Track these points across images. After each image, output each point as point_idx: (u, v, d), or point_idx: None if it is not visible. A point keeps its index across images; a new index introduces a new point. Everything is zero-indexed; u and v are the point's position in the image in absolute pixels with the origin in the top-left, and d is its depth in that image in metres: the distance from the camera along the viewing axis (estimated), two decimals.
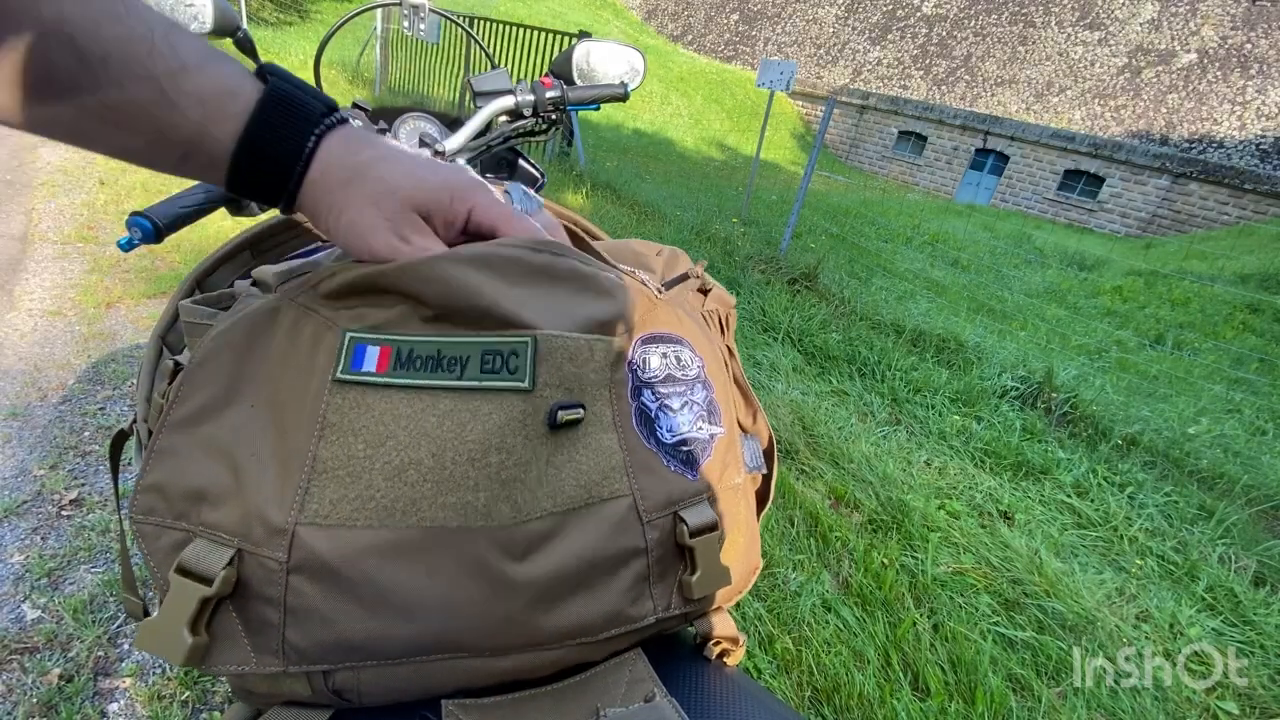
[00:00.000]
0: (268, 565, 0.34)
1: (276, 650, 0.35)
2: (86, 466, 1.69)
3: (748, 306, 3.95)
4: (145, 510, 0.36)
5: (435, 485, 0.35)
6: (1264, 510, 2.71)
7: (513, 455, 0.36)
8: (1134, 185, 17.77)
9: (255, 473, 0.35)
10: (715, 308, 0.55)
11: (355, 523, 0.34)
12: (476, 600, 0.35)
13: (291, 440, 0.35)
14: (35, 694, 1.16)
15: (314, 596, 0.34)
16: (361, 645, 0.35)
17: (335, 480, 0.35)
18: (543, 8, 19.46)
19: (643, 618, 0.40)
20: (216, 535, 0.35)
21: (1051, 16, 21.79)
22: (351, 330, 0.37)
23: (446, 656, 0.36)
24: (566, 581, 0.37)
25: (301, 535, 0.34)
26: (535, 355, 0.37)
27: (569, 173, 6.40)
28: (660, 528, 0.41)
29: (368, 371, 0.36)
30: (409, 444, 0.35)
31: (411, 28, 1.22)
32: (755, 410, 0.55)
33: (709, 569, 0.42)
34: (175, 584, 0.34)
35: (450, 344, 0.36)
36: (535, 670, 0.39)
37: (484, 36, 7.04)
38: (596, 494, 0.39)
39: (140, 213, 0.53)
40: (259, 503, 0.34)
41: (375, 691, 0.37)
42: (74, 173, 3.59)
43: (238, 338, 0.38)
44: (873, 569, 1.86)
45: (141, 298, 2.54)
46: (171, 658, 0.33)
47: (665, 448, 0.42)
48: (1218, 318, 7.43)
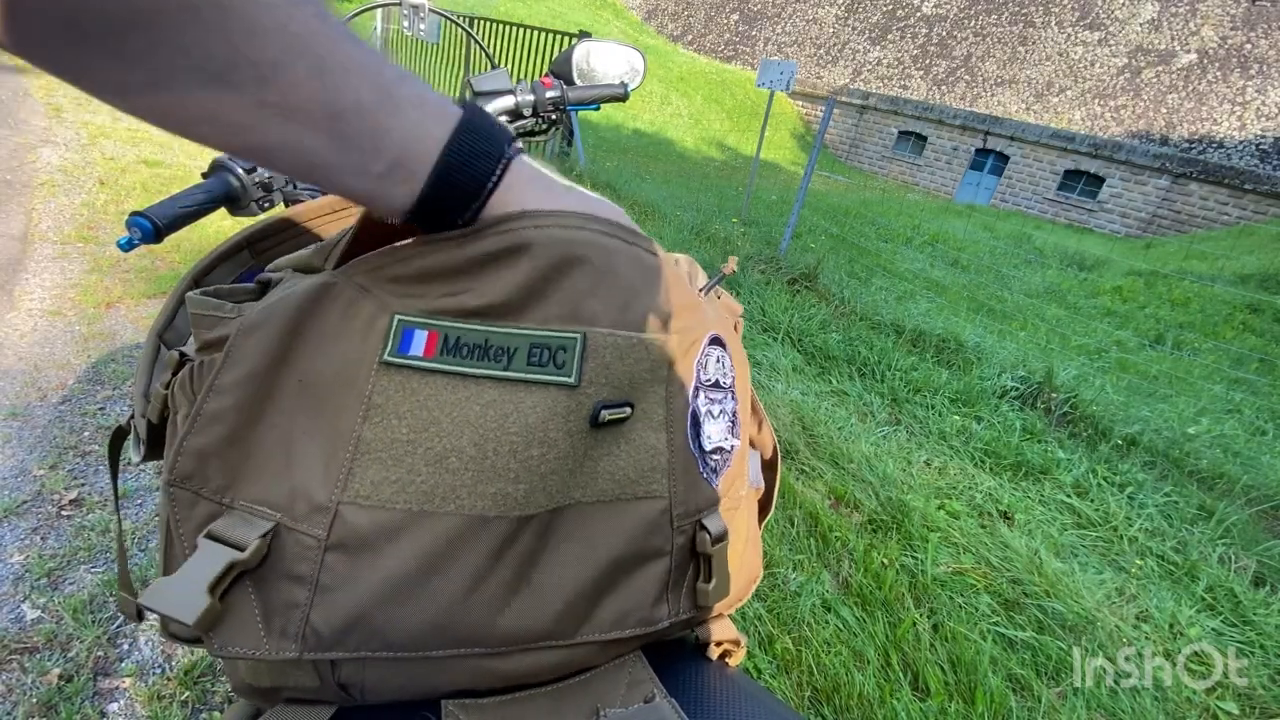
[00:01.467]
0: (305, 542, 0.34)
1: (295, 635, 0.34)
2: (86, 466, 1.69)
3: (748, 306, 3.95)
4: (185, 475, 0.35)
5: (475, 474, 0.35)
6: (1264, 510, 2.71)
7: (554, 449, 0.36)
8: (1134, 185, 17.78)
9: (302, 450, 0.35)
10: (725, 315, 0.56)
11: (395, 504, 0.34)
12: (500, 586, 0.36)
13: (338, 419, 0.35)
14: (35, 694, 1.16)
15: (347, 575, 0.34)
16: (382, 631, 0.34)
17: (378, 462, 0.35)
18: (543, 8, 19.46)
19: (658, 621, 0.41)
20: (255, 508, 0.35)
21: (1051, 16, 21.80)
22: (401, 314, 0.36)
23: (458, 653, 0.36)
24: (590, 575, 0.38)
25: (343, 513, 0.34)
26: (584, 352, 0.37)
27: (569, 173, 6.39)
28: (686, 533, 0.41)
29: (415, 355, 0.35)
30: (452, 431, 0.35)
31: (411, 28, 1.22)
32: (761, 420, 0.55)
33: (720, 578, 0.43)
34: (204, 547, 0.33)
35: (498, 334, 0.36)
36: (539, 673, 0.38)
37: (484, 36, 7.04)
38: (631, 491, 0.39)
39: (140, 213, 0.53)
40: (304, 479, 0.34)
41: (378, 687, 0.37)
42: (74, 173, 3.59)
43: (287, 311, 0.36)
44: (873, 569, 1.86)
45: (141, 298, 2.54)
46: (183, 616, 0.32)
47: (703, 454, 0.42)
48: (1218, 318, 7.43)
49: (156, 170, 3.92)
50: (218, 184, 0.59)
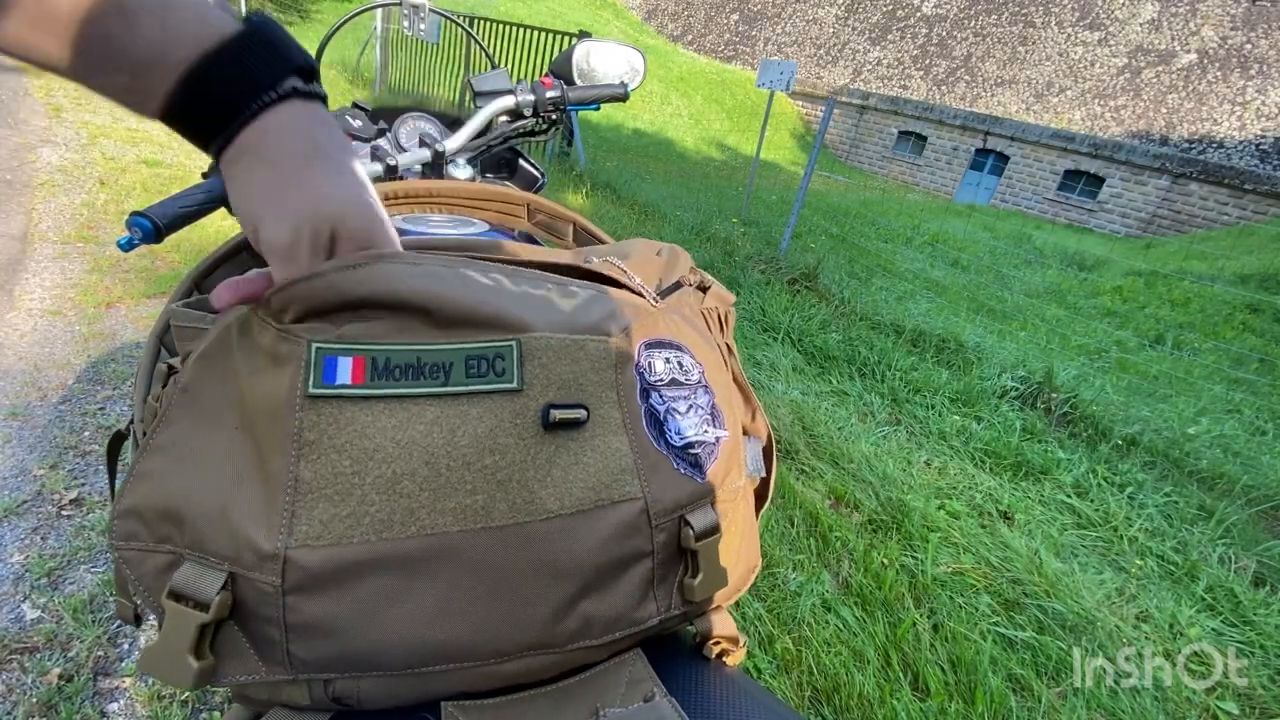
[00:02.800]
0: (262, 589, 0.33)
1: (282, 661, 0.34)
2: (86, 466, 1.69)
3: (748, 306, 3.95)
4: (126, 536, 0.35)
5: (433, 493, 0.34)
6: (1264, 510, 2.71)
7: (506, 455, 0.36)
8: (1134, 185, 17.77)
9: (237, 496, 0.34)
10: (714, 305, 0.55)
11: (351, 539, 0.33)
12: (480, 607, 0.35)
13: (269, 461, 0.34)
14: (35, 694, 1.16)
15: (315, 613, 0.33)
16: (367, 657, 0.34)
17: (324, 500, 0.33)
18: (543, 8, 19.46)
19: (646, 620, 0.41)
20: (205, 559, 0.34)
21: (1051, 17, 21.79)
22: (317, 341, 0.34)
23: (451, 667, 0.36)
24: (573, 585, 0.37)
25: (294, 558, 0.33)
26: (521, 356, 0.37)
27: (569, 173, 6.40)
28: (667, 531, 0.41)
29: (342, 384, 0.34)
30: (399, 456, 0.34)
31: (411, 28, 1.22)
32: (755, 409, 0.55)
33: (710, 571, 0.42)
34: (170, 610, 0.33)
35: (430, 351, 0.35)
36: (536, 674, 0.38)
37: (484, 36, 7.04)
38: (607, 496, 0.38)
39: (140, 212, 0.52)
40: (246, 527, 0.33)
41: (375, 697, 0.37)
42: (74, 172, 3.59)
43: (212, 357, 0.36)
44: (873, 569, 1.86)
45: (141, 297, 2.54)
46: (180, 684, 0.33)
47: (675, 450, 0.42)
48: (1218, 318, 7.43)
49: (156, 170, 3.92)
50: (218, 184, 0.59)
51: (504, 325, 0.37)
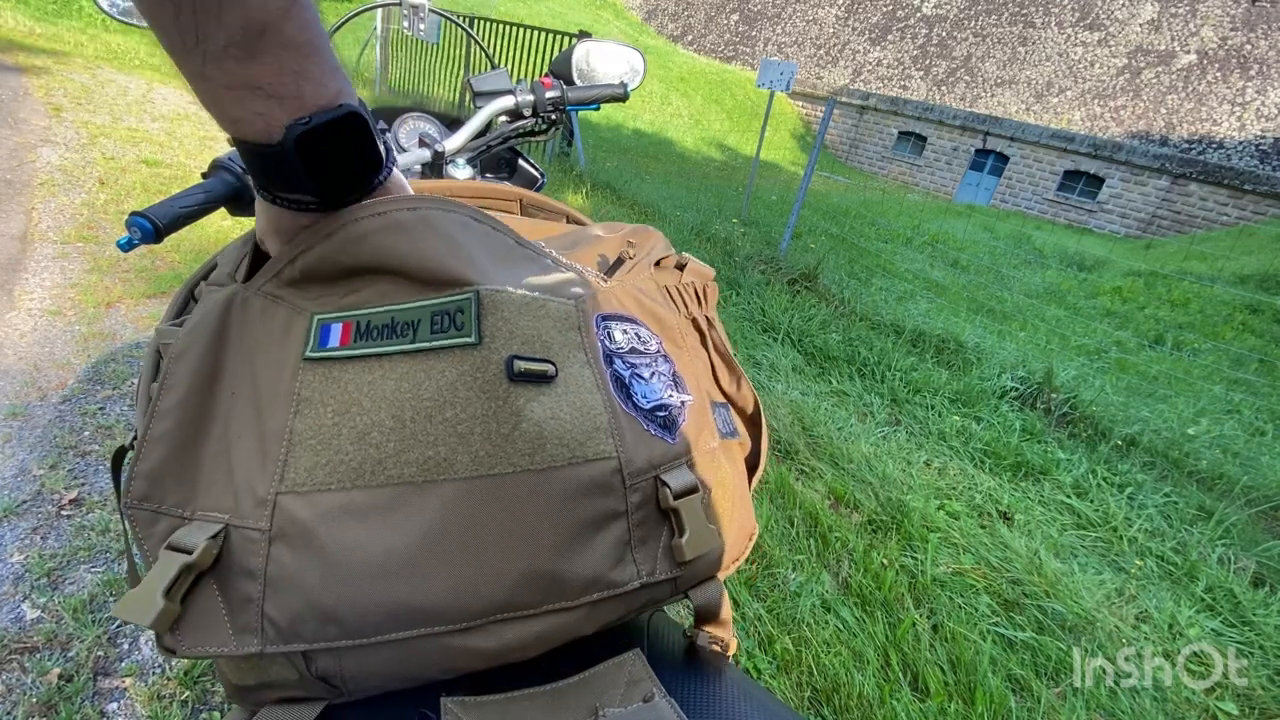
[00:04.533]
0: (251, 536, 0.36)
1: (255, 629, 0.35)
2: (86, 466, 1.69)
3: (747, 306, 3.95)
4: (141, 496, 0.38)
5: (397, 444, 0.36)
6: (1263, 511, 2.71)
7: (467, 409, 0.37)
8: (1134, 186, 17.78)
9: (241, 453, 0.37)
10: (691, 280, 0.57)
11: (329, 486, 0.36)
12: (448, 563, 0.36)
13: (271, 419, 0.37)
14: (35, 694, 1.16)
15: (292, 565, 0.35)
16: (337, 616, 0.35)
17: (309, 449, 0.36)
18: (543, 8, 19.46)
19: (626, 583, 0.40)
20: (208, 515, 0.37)
21: (1051, 17, 21.80)
22: (319, 313, 0.39)
23: (424, 633, 0.36)
24: (543, 543, 0.37)
25: (282, 503, 0.36)
26: (479, 310, 0.38)
27: (569, 173, 6.40)
28: (642, 491, 0.41)
29: (333, 347, 0.38)
30: (371, 408, 0.37)
31: (411, 28, 1.22)
32: (739, 378, 0.56)
33: (697, 530, 0.42)
34: (163, 557, 0.35)
35: (402, 310, 0.38)
36: (521, 648, 0.38)
37: (484, 36, 7.05)
38: (580, 454, 0.38)
39: (140, 213, 0.53)
40: (246, 478, 0.36)
41: (359, 676, 0.37)
42: (74, 172, 3.59)
43: (208, 329, 0.40)
44: (872, 569, 1.86)
45: (141, 297, 2.54)
46: (142, 621, 0.34)
47: (643, 412, 0.42)
48: (1217, 318, 7.44)
49: (156, 170, 3.92)
50: (218, 184, 0.59)
51: (465, 281, 0.39)
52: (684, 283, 0.56)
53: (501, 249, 0.44)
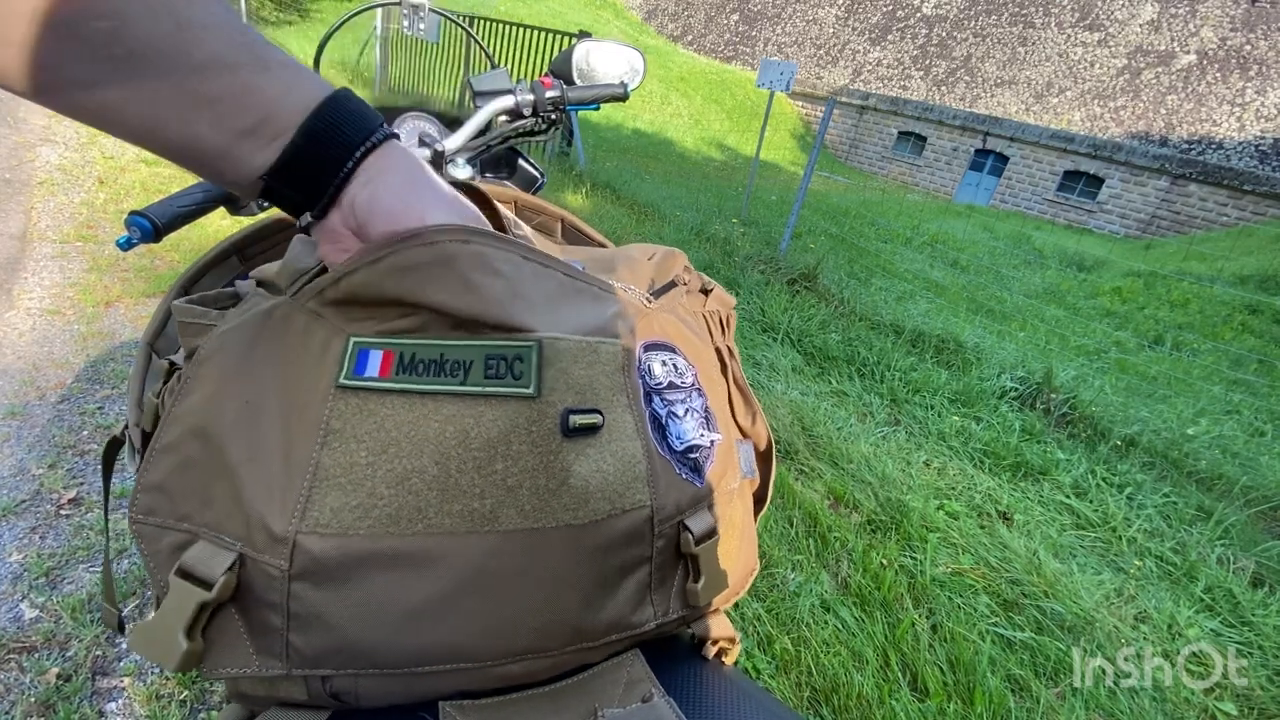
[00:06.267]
0: (269, 571, 0.33)
1: (280, 654, 0.34)
2: (85, 465, 1.69)
3: (747, 306, 3.95)
4: (146, 510, 0.35)
5: (440, 493, 0.34)
6: (1262, 511, 2.71)
7: (518, 463, 0.35)
8: (1133, 186, 17.78)
9: (257, 477, 0.34)
10: (716, 308, 0.55)
11: (359, 531, 0.33)
12: (481, 611, 0.35)
13: (295, 446, 0.34)
14: (33, 693, 1.15)
15: (318, 603, 0.34)
16: (367, 653, 0.34)
17: (337, 488, 0.34)
18: (543, 8, 19.45)
19: (643, 624, 0.41)
20: (220, 538, 0.34)
21: (1051, 17, 21.80)
22: (357, 336, 0.36)
23: (451, 668, 0.36)
24: (576, 593, 0.37)
25: (303, 543, 0.33)
26: (540, 360, 0.36)
27: (569, 173, 6.39)
28: (666, 536, 0.41)
29: (370, 377, 0.35)
30: (412, 451, 0.34)
31: (411, 27, 1.22)
32: (755, 412, 0.55)
33: (712, 576, 0.42)
34: (175, 586, 0.33)
35: (453, 348, 0.35)
36: (534, 675, 0.39)
37: (484, 36, 7.04)
38: (619, 505, 0.38)
39: (139, 212, 0.52)
40: (260, 509, 0.34)
41: (373, 696, 0.37)
42: (73, 172, 3.59)
43: (244, 337, 0.37)
44: (871, 569, 1.86)
45: (140, 296, 2.54)
46: (165, 663, 0.32)
47: (676, 455, 0.42)
48: (1217, 319, 7.44)
49: (155, 169, 3.92)
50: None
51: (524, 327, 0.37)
52: (709, 310, 0.55)
53: (553, 286, 0.40)
